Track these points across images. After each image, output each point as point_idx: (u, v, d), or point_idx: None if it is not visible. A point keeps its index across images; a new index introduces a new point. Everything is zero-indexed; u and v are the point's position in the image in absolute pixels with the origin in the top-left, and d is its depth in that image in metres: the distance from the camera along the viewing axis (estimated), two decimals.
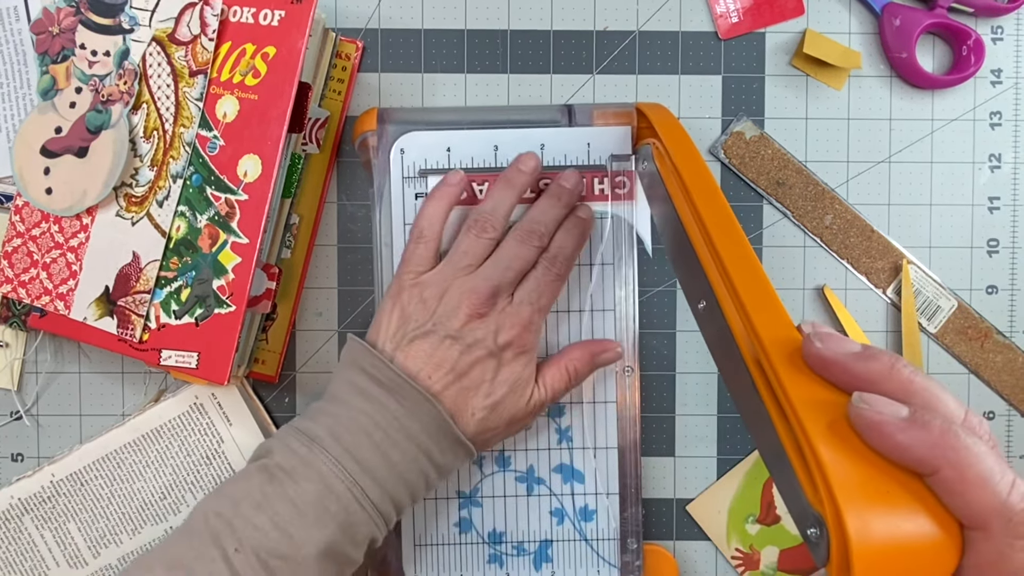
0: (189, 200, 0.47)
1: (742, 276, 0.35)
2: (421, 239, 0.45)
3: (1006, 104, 0.53)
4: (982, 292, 0.53)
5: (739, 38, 0.53)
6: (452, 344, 0.42)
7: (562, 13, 0.53)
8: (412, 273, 0.44)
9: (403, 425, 0.41)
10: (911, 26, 0.51)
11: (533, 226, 0.45)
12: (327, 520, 0.39)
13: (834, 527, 0.27)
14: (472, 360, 0.43)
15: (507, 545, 0.50)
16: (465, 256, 0.44)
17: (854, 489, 0.26)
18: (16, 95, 0.52)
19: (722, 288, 0.36)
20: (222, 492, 0.41)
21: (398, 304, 0.44)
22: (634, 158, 0.48)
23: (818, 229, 0.53)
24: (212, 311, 0.47)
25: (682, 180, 0.41)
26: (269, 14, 0.46)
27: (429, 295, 0.43)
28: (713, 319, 0.36)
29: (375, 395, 0.42)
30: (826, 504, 0.27)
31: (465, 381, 0.43)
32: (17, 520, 0.51)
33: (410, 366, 0.42)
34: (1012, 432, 0.54)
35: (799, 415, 0.29)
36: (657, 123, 0.45)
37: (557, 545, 0.50)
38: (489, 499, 0.50)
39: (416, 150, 0.49)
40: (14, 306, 0.52)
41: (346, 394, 0.42)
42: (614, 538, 0.50)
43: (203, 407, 0.51)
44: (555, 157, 0.49)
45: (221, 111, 0.47)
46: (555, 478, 0.50)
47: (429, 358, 0.42)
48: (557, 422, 0.50)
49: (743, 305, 0.34)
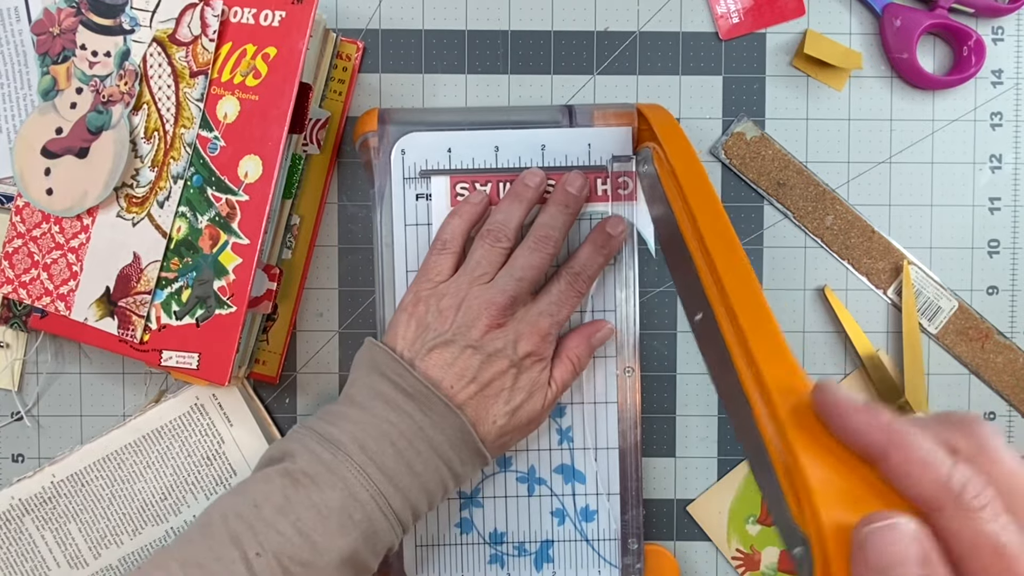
0: (190, 201, 0.47)
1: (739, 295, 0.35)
2: (444, 250, 0.45)
3: (1007, 105, 0.53)
4: (983, 293, 0.53)
5: (740, 39, 0.53)
6: (473, 354, 0.43)
7: (563, 14, 0.53)
8: (430, 283, 0.45)
9: (427, 435, 0.41)
10: (912, 27, 0.51)
11: (545, 231, 0.45)
12: (351, 528, 0.39)
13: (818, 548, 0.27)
14: (494, 370, 0.43)
15: (508, 545, 0.50)
16: (479, 265, 0.44)
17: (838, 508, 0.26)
18: (17, 96, 0.52)
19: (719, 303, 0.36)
20: (242, 493, 0.40)
21: (415, 314, 0.44)
22: (635, 159, 0.48)
23: (819, 230, 0.53)
24: (213, 312, 0.47)
25: (680, 187, 0.41)
26: (270, 15, 0.46)
27: (446, 305, 0.44)
28: (709, 331, 0.36)
29: (399, 403, 0.41)
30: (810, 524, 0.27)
31: (487, 390, 0.43)
32: (18, 521, 0.51)
33: (432, 375, 0.42)
34: (1012, 432, 0.54)
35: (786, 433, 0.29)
36: (656, 125, 0.45)
37: (558, 545, 0.50)
38: (490, 499, 0.50)
39: (417, 151, 0.49)
40: (15, 307, 0.52)
41: (369, 400, 0.42)
42: (615, 539, 0.50)
43: (204, 408, 0.51)
44: (556, 158, 0.49)
45: (222, 112, 0.47)
46: (556, 478, 0.50)
47: (450, 367, 0.42)
48: (558, 423, 0.50)
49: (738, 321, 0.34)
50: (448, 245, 0.45)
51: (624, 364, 0.49)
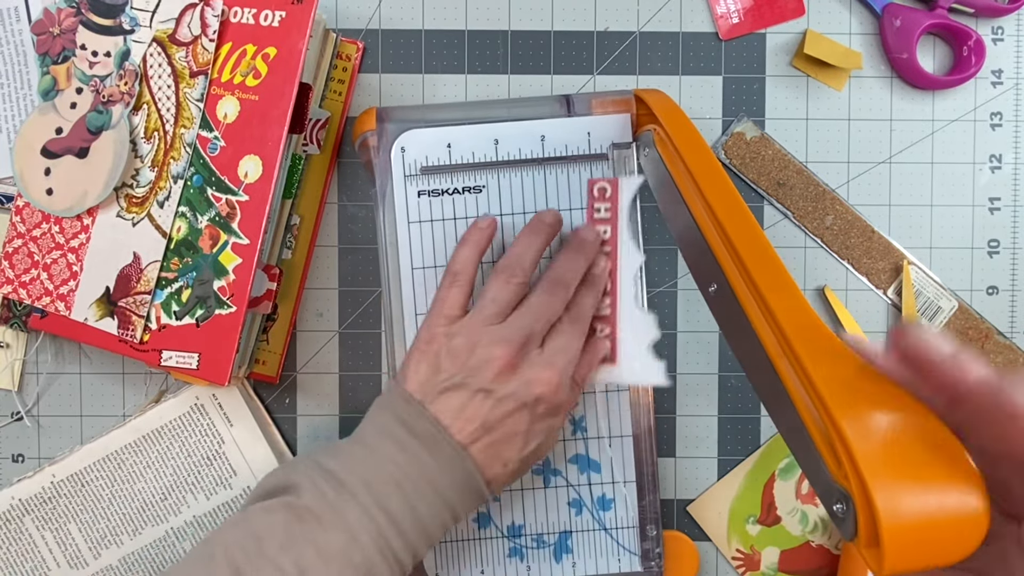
0: (190, 201, 0.47)
1: (753, 256, 0.35)
2: (455, 283, 0.44)
3: (1007, 105, 0.53)
4: (983, 293, 0.53)
5: (740, 39, 0.53)
6: (485, 398, 0.42)
7: (563, 14, 0.53)
8: (444, 319, 0.44)
9: (432, 479, 0.41)
10: (912, 27, 0.51)
11: (562, 276, 0.44)
12: (349, 572, 0.39)
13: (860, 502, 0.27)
14: (504, 413, 0.42)
15: (526, 538, 0.50)
16: (493, 303, 0.43)
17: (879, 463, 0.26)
18: (17, 96, 0.52)
19: (733, 269, 0.36)
20: (242, 526, 0.40)
21: (428, 353, 0.43)
22: (635, 145, 0.48)
23: (819, 230, 0.53)
24: (213, 312, 0.47)
25: (685, 163, 0.41)
26: (270, 15, 0.46)
27: (458, 345, 0.43)
28: (725, 301, 0.36)
29: (408, 445, 0.41)
30: (852, 479, 0.27)
31: (496, 435, 0.42)
32: (18, 521, 0.51)
33: (441, 418, 0.42)
34: None
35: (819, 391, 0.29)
36: (657, 108, 0.45)
37: (577, 536, 0.50)
38: (506, 493, 0.50)
39: (417, 148, 0.49)
40: (15, 307, 0.52)
41: (378, 440, 0.42)
42: (633, 526, 0.50)
43: (204, 408, 0.51)
44: (556, 148, 0.49)
45: (222, 112, 0.47)
46: (571, 469, 0.50)
47: (461, 412, 0.42)
48: (571, 413, 0.50)
49: (756, 286, 0.34)
50: (459, 277, 0.45)
51: None
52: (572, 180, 0.49)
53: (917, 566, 0.26)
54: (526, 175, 0.49)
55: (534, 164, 0.49)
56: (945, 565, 0.26)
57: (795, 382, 0.31)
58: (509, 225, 0.49)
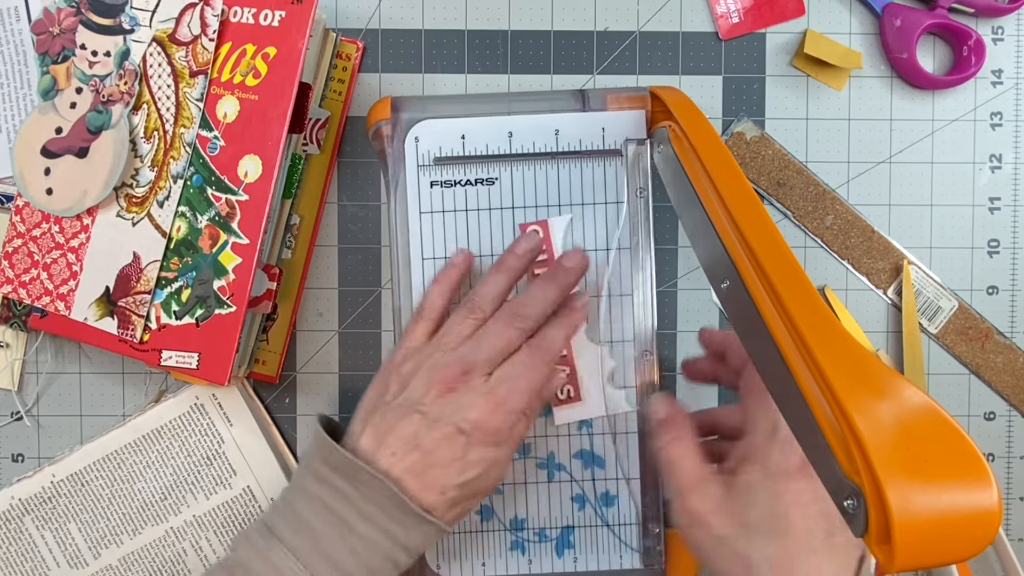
0: (190, 200, 0.47)
1: (768, 253, 0.35)
2: (420, 319, 0.45)
3: (1007, 104, 0.53)
4: (983, 292, 0.53)
5: (740, 38, 0.53)
6: (420, 419, 0.41)
7: (563, 13, 0.53)
8: (403, 350, 0.44)
9: (359, 508, 0.40)
10: (912, 26, 0.51)
11: (519, 308, 0.44)
12: None
13: (872, 498, 0.27)
14: (439, 435, 0.41)
15: (529, 532, 0.50)
16: (448, 335, 0.44)
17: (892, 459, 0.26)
18: (17, 95, 0.52)
19: (746, 265, 0.36)
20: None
21: (380, 379, 0.44)
22: (649, 141, 0.48)
23: (819, 230, 0.53)
24: (212, 312, 0.47)
25: (701, 160, 0.41)
26: (269, 14, 0.46)
27: (406, 369, 0.43)
28: (737, 297, 0.36)
29: (330, 480, 0.41)
30: (864, 475, 0.27)
31: (431, 458, 0.41)
32: (18, 521, 0.51)
33: (372, 443, 0.42)
34: (1012, 432, 0.54)
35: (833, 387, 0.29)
36: (673, 105, 0.45)
37: (579, 531, 0.50)
38: (510, 486, 0.50)
39: (431, 138, 0.49)
40: (15, 306, 0.52)
41: (304, 481, 0.42)
42: (635, 523, 0.50)
43: (203, 408, 0.51)
44: (570, 142, 0.49)
45: (221, 111, 0.47)
46: (576, 464, 0.50)
47: (393, 432, 0.41)
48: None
49: (771, 282, 0.34)
50: (425, 314, 0.45)
51: (642, 348, 0.49)
52: (585, 175, 0.49)
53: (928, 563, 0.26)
54: (539, 169, 0.49)
55: (547, 158, 0.49)
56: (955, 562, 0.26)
57: (807, 378, 0.31)
58: (520, 218, 0.49)
